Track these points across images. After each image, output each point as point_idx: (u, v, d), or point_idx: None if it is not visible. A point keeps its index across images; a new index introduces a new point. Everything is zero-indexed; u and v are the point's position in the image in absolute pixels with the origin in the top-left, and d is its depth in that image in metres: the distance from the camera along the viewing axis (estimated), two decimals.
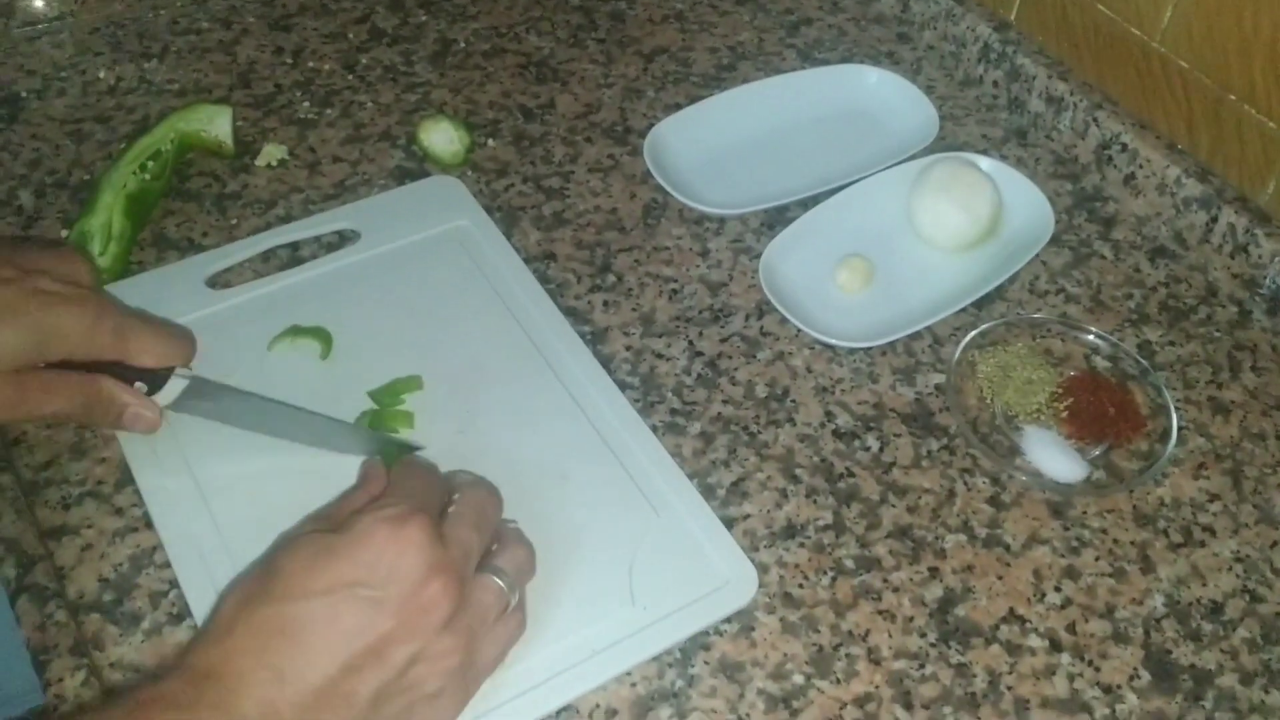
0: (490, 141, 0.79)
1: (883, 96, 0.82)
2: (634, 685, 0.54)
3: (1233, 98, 0.72)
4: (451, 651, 0.49)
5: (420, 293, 0.68)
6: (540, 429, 0.62)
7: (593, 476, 0.61)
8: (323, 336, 0.65)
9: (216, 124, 0.74)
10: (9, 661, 0.69)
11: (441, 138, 0.76)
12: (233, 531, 0.57)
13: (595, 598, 0.56)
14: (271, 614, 0.46)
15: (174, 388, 0.59)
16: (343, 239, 0.72)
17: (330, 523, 0.51)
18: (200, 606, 0.55)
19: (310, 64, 0.84)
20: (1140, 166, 0.77)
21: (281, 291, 0.68)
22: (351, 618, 0.47)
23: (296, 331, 0.66)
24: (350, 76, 0.83)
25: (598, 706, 0.54)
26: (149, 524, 0.58)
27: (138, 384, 0.58)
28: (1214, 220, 0.73)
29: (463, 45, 0.86)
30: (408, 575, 0.47)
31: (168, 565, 0.57)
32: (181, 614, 0.55)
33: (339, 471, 0.59)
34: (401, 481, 0.54)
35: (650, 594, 0.56)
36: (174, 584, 0.56)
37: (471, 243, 0.72)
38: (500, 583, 0.52)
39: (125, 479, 0.60)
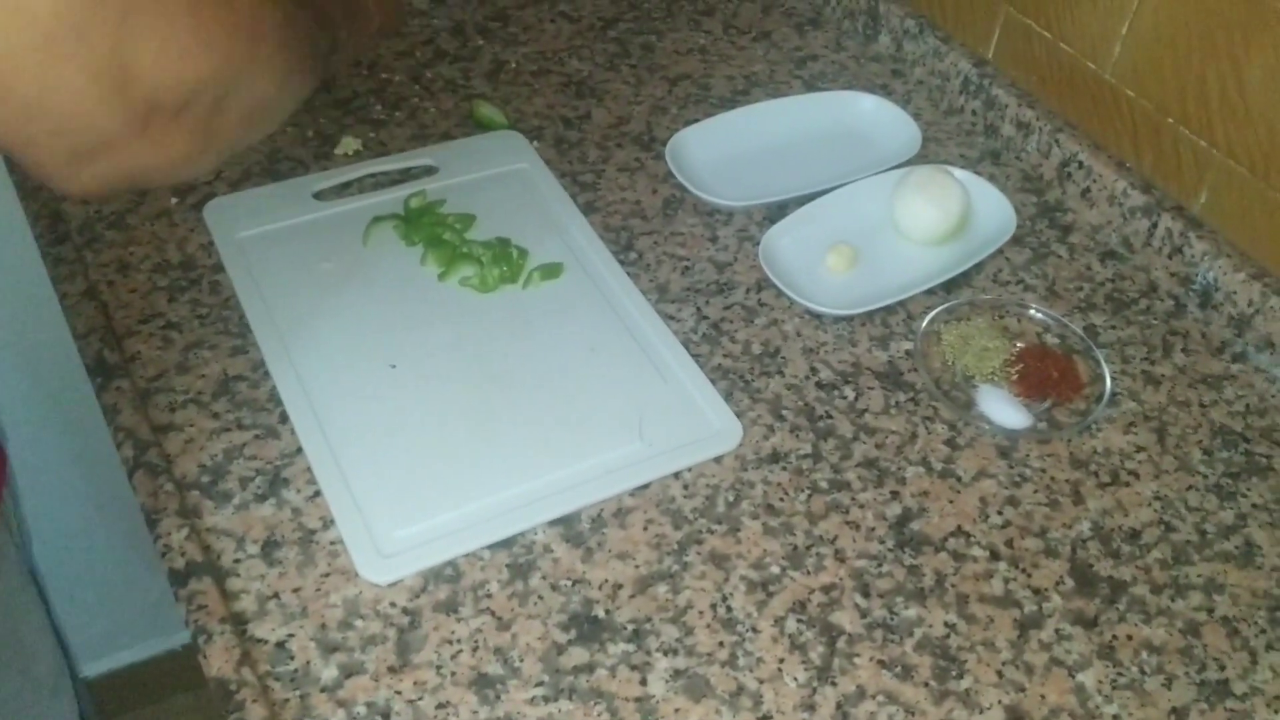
0: (535, 143, 0.92)
1: (874, 118, 0.95)
2: (637, 567, 0.65)
3: (1170, 121, 0.83)
4: None
5: (486, 213, 0.84)
6: (577, 315, 0.78)
7: (615, 350, 0.76)
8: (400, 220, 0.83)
9: None
10: None
11: (486, 110, 0.94)
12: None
13: (611, 433, 0.71)
14: None
15: None
16: (425, 172, 0.88)
17: None
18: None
19: (382, 75, 0.97)
20: (1094, 181, 0.88)
21: (373, 205, 0.85)
22: None
23: (376, 219, 0.82)
24: (416, 86, 0.97)
25: (606, 581, 0.64)
26: (240, 426, 0.70)
27: None
28: (1154, 226, 0.85)
29: (514, 65, 1.00)
30: None
31: (255, 457, 0.68)
32: (265, 495, 0.67)
33: None
34: None
35: (655, 433, 0.71)
36: (259, 471, 0.68)
37: (529, 181, 0.88)
38: None
39: (220, 391, 0.72)
